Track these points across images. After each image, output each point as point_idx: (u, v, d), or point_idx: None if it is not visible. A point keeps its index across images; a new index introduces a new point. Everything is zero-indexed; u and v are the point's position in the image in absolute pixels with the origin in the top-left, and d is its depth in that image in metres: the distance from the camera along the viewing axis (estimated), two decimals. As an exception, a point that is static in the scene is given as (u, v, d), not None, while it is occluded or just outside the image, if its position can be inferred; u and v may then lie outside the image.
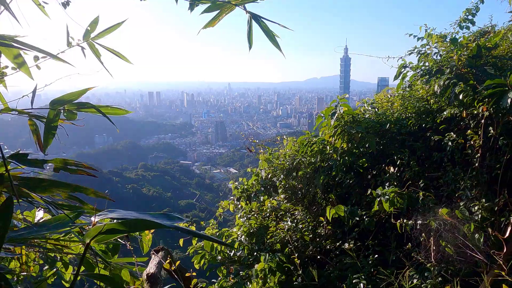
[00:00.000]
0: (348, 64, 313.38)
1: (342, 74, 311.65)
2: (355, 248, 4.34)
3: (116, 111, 2.64)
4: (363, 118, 5.03)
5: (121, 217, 0.99)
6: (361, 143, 4.89)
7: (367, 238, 4.43)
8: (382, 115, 5.07)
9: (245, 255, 4.65)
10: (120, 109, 2.63)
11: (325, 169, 5.25)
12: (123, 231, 0.95)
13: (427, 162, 4.55)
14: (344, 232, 4.64)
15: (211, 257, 4.69)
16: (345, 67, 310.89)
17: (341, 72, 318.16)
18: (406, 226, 3.83)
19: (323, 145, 5.33)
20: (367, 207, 4.62)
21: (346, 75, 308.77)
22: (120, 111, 2.64)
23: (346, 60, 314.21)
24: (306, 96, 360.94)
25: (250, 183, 5.88)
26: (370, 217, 4.33)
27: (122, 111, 2.65)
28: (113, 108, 2.62)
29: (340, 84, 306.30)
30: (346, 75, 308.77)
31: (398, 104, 5.04)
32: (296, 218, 4.76)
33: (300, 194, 5.27)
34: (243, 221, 5.00)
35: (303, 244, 4.46)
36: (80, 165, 1.69)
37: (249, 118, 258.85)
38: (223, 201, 5.93)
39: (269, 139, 6.88)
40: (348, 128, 4.92)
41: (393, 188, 4.13)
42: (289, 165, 5.59)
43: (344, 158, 5.04)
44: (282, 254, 4.19)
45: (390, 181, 4.61)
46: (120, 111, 2.64)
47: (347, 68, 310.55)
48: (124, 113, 2.67)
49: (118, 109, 2.62)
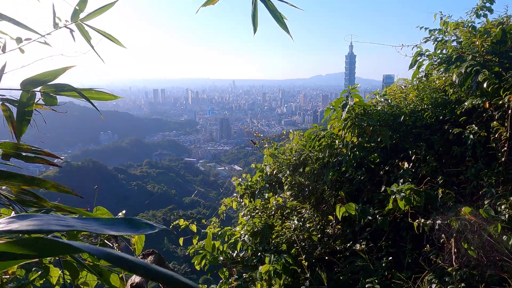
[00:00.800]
0: (353, 61, 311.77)
1: (347, 71, 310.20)
2: (367, 250, 4.02)
3: (102, 95, 2.34)
4: (375, 110, 4.70)
5: (33, 229, 0.62)
6: (373, 137, 4.57)
7: (380, 239, 4.11)
8: (395, 107, 4.74)
9: (248, 255, 4.35)
10: (106, 94, 2.32)
11: (334, 164, 4.93)
12: (13, 255, 0.54)
13: (446, 157, 4.22)
14: (354, 232, 4.32)
15: (212, 258, 4.40)
16: (350, 64, 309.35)
17: (346, 69, 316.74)
18: (425, 227, 3.51)
19: (332, 139, 5.01)
20: (379, 205, 4.30)
21: (351, 72, 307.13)
22: (106, 95, 2.34)
23: (351, 57, 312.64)
24: (310, 93, 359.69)
25: (254, 179, 5.58)
26: (383, 216, 4.01)
27: (108, 95, 2.35)
28: (98, 92, 2.32)
29: (345, 81, 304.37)
30: (351, 72, 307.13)
31: (413, 95, 4.69)
32: (303, 217, 4.45)
33: (307, 191, 4.96)
34: (247, 219, 4.70)
35: (310, 244, 4.14)
36: (39, 152, 1.39)
37: (253, 116, 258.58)
38: (225, 198, 5.63)
39: (274, 135, 6.56)
40: (359, 120, 4.59)
41: (409, 185, 3.80)
42: (295, 160, 5.28)
43: (355, 152, 4.72)
44: (288, 255, 3.88)
45: (404, 178, 4.28)
46: (106, 95, 2.34)
47: (352, 66, 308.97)
48: (111, 98, 2.37)
49: (103, 93, 2.32)
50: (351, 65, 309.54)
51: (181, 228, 4.87)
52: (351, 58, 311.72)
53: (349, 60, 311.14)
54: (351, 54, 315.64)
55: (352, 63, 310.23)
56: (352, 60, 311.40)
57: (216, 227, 4.93)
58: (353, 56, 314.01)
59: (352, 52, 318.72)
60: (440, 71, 4.50)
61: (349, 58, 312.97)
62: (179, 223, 4.99)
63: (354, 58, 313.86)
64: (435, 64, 4.65)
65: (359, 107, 4.57)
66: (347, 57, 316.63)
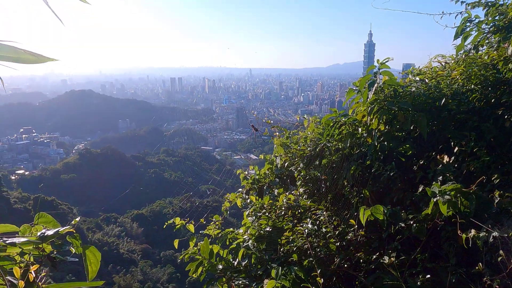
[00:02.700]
0: (372, 49, 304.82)
1: (366, 60, 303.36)
2: (397, 263, 3.24)
3: (28, 57, 1.64)
4: (409, 91, 3.86)
5: None
6: (406, 124, 3.74)
7: (413, 250, 3.32)
8: (434, 87, 3.88)
9: (252, 264, 3.64)
10: (36, 55, 1.62)
11: (356, 156, 4.14)
12: None
13: (501, 149, 3.37)
14: (381, 239, 3.54)
15: (210, 266, 3.70)
16: (369, 53, 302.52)
17: (364, 57, 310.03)
18: (477, 240, 2.70)
19: (355, 126, 4.21)
20: (413, 208, 3.51)
21: (369, 61, 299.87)
22: (34, 58, 1.64)
23: (370, 45, 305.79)
24: (328, 82, 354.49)
25: (262, 172, 4.84)
26: (419, 222, 3.21)
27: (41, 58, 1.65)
28: (27, 53, 1.62)
29: (364, 70, 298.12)
30: (369, 61, 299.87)
31: (457, 73, 3.82)
32: (318, 220, 3.69)
33: (324, 188, 4.19)
34: (251, 220, 3.98)
35: (327, 254, 3.40)
36: None
37: (270, 105, 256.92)
38: (229, 194, 4.92)
39: (288, 122, 5.79)
40: (389, 104, 3.76)
41: (455, 185, 2.98)
42: (310, 151, 4.50)
43: (382, 143, 3.91)
44: (299, 268, 3.15)
45: (444, 175, 3.47)
46: (34, 58, 1.64)
47: (371, 54, 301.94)
48: (43, 61, 1.66)
49: (32, 55, 1.62)
50: (370, 53, 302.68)
51: (176, 228, 4.20)
52: (370, 47, 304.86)
53: (368, 49, 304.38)
54: (370, 42, 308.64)
55: (371, 52, 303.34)
56: (371, 49, 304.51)
57: (216, 228, 4.24)
58: (372, 44, 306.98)
59: (371, 40, 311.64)
60: (492, 43, 3.61)
61: (368, 47, 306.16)
62: (174, 221, 4.32)
63: (373, 47, 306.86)
64: (486, 34, 3.75)
65: (389, 87, 3.74)
66: (366, 46, 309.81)
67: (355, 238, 3.55)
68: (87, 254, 1.91)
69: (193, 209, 46.37)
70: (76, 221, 2.07)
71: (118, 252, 57.06)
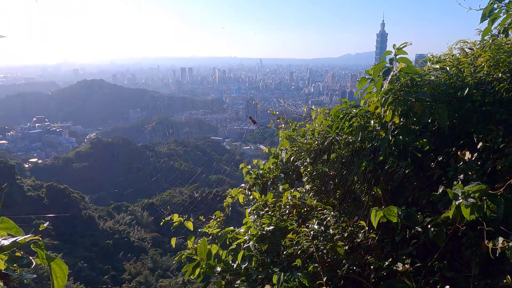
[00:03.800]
0: (385, 40, 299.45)
1: (378, 51, 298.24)
2: (412, 270, 2.94)
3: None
4: (428, 80, 3.49)
5: None
6: (424, 117, 3.39)
7: (430, 256, 3.01)
8: (455, 76, 3.51)
9: (253, 267, 3.36)
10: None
11: (368, 151, 3.81)
12: None
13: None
14: (394, 243, 3.23)
15: (207, 267, 3.44)
16: (381, 43, 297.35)
17: (376, 48, 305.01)
18: (506, 251, 2.37)
19: (367, 118, 3.87)
20: (430, 209, 3.17)
21: (382, 51, 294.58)
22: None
23: (383, 35, 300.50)
24: (339, 73, 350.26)
25: (266, 167, 4.54)
26: (437, 226, 2.88)
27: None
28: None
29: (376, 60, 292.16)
30: (382, 51, 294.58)
31: (484, 59, 3.43)
32: (326, 220, 3.38)
33: (332, 185, 3.88)
34: (253, 219, 3.69)
35: (334, 259, 3.10)
36: None
37: (280, 95, 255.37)
38: (231, 189, 4.64)
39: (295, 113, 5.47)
40: (405, 94, 3.41)
41: (479, 186, 2.65)
42: (318, 145, 4.19)
43: (397, 137, 3.57)
44: (304, 274, 2.86)
45: (466, 173, 3.13)
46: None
47: (383, 44, 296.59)
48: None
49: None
50: (382, 43, 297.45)
51: (173, 226, 3.95)
52: (383, 37, 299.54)
53: (381, 39, 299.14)
54: (383, 32, 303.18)
55: (383, 42, 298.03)
56: (384, 39, 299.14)
57: (216, 227, 3.97)
58: (384, 34, 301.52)
59: (383, 30, 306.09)
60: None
61: (380, 37, 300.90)
62: (172, 218, 4.06)
63: (385, 37, 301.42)
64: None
65: (406, 75, 3.39)
66: (378, 36, 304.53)
67: (365, 241, 3.24)
68: (53, 267, 1.64)
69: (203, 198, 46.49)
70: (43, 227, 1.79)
71: (129, 240, 57.79)
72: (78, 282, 40.53)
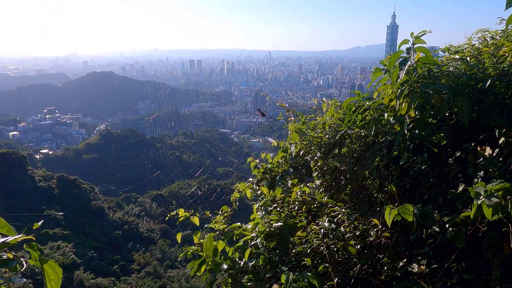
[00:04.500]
0: (395, 32, 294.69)
1: (389, 43, 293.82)
2: (428, 272, 2.79)
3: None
4: (446, 71, 3.31)
5: None
6: (442, 110, 3.21)
7: (447, 257, 2.86)
8: (476, 67, 3.31)
9: (260, 266, 3.25)
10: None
11: (381, 146, 3.65)
12: None
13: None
14: (409, 243, 3.08)
15: (213, 264, 3.34)
16: (392, 35, 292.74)
17: (387, 40, 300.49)
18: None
19: (381, 111, 3.70)
20: (447, 207, 3.01)
21: (392, 43, 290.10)
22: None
23: (394, 27, 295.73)
24: (349, 65, 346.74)
25: (275, 161, 4.40)
26: (456, 226, 2.72)
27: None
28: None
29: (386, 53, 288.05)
30: (392, 43, 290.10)
31: (508, 49, 3.23)
32: (336, 217, 3.25)
33: (344, 181, 3.73)
34: (261, 215, 3.57)
35: (346, 258, 2.97)
36: None
37: (289, 88, 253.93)
38: (239, 183, 4.51)
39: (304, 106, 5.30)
40: (423, 86, 3.23)
41: (503, 184, 2.48)
42: (329, 138, 4.03)
43: (413, 131, 3.40)
44: (313, 274, 2.74)
45: (486, 170, 2.95)
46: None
47: (394, 37, 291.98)
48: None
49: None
50: (393, 36, 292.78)
51: (179, 221, 3.85)
52: (393, 29, 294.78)
53: (391, 31, 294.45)
54: (394, 24, 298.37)
55: (394, 34, 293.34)
56: (394, 31, 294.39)
57: (223, 222, 3.86)
58: (395, 26, 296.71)
59: (394, 22, 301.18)
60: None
61: (391, 29, 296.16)
62: (178, 213, 3.96)
63: (396, 29, 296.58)
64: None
65: (423, 66, 3.20)
66: (389, 28, 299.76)
67: (378, 240, 3.10)
68: (46, 269, 1.53)
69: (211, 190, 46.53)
70: (37, 225, 1.68)
71: (138, 231, 58.40)
72: (88, 271, 41.15)
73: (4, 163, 55.88)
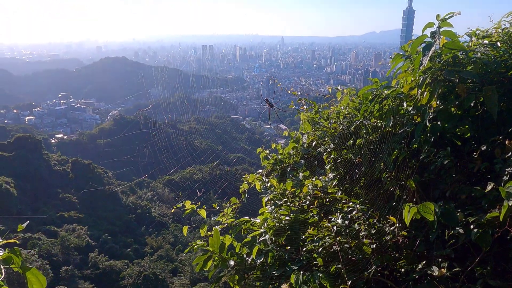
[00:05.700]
0: (412, 17, 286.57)
1: (404, 28, 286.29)
2: (449, 275, 2.60)
3: None
4: (474, 57, 3.03)
5: None
6: (468, 100, 2.95)
7: (470, 259, 2.65)
8: (507, 53, 3.03)
9: (268, 262, 3.10)
10: None
11: (400, 138, 3.41)
12: None
13: None
14: (428, 243, 2.87)
15: (220, 260, 3.21)
16: (408, 20, 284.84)
17: (403, 25, 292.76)
18: None
19: (399, 101, 3.45)
20: (471, 206, 2.79)
21: (408, 29, 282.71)
22: None
23: (410, 12, 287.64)
24: (363, 51, 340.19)
25: (286, 152, 4.21)
26: (481, 227, 2.51)
27: None
28: None
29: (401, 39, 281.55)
30: (408, 29, 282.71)
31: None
32: (351, 214, 3.06)
33: (358, 174, 3.52)
34: (270, 210, 3.41)
35: (360, 258, 2.79)
36: None
37: (301, 74, 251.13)
38: (248, 175, 4.35)
39: (317, 93, 5.07)
40: (447, 73, 2.97)
41: (536, 183, 2.24)
42: (343, 129, 3.81)
43: (435, 123, 3.16)
44: (325, 275, 2.57)
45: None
46: None
47: (410, 22, 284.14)
48: None
49: None
50: (409, 21, 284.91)
51: (185, 214, 3.71)
52: (410, 14, 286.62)
53: (407, 16, 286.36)
54: (410, 9, 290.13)
55: (410, 19, 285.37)
56: (410, 16, 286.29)
57: (231, 216, 3.70)
58: (411, 11, 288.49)
59: (411, 7, 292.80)
60: None
61: (407, 14, 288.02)
62: (184, 205, 3.83)
63: (412, 14, 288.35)
64: None
65: (449, 52, 2.94)
66: (405, 13, 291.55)
67: (395, 239, 2.90)
68: (29, 278, 1.38)
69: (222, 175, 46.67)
70: (21, 227, 1.52)
71: (151, 215, 59.33)
72: (103, 254, 42.13)
73: (20, 147, 57.05)
